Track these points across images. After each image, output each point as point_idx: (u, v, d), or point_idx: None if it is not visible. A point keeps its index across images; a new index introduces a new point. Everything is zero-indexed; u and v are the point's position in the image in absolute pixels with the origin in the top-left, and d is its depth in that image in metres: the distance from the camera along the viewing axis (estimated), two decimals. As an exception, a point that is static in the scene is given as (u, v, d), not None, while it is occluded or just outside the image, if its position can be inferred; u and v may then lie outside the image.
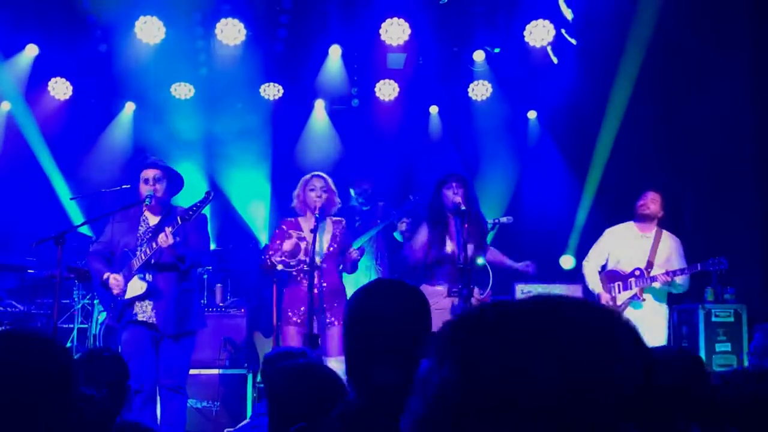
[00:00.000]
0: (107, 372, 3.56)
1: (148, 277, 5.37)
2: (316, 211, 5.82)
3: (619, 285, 6.52)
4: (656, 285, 6.40)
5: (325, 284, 5.84)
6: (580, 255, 7.74)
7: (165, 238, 5.16)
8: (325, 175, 6.11)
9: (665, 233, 6.64)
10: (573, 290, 7.29)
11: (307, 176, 6.15)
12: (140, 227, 5.55)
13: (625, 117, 8.94)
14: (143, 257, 5.32)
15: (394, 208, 8.47)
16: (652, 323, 6.30)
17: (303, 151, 9.98)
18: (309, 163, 9.40)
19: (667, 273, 6.34)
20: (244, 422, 5.89)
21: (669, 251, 6.49)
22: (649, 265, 6.44)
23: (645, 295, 6.43)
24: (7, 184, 9.30)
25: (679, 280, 6.43)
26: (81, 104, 9.74)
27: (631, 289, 6.42)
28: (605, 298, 6.49)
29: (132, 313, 5.39)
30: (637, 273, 6.44)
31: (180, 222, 5.24)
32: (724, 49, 8.06)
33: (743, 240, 7.87)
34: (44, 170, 9.49)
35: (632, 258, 6.51)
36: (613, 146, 9.13)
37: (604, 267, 6.81)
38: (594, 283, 6.69)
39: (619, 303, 6.41)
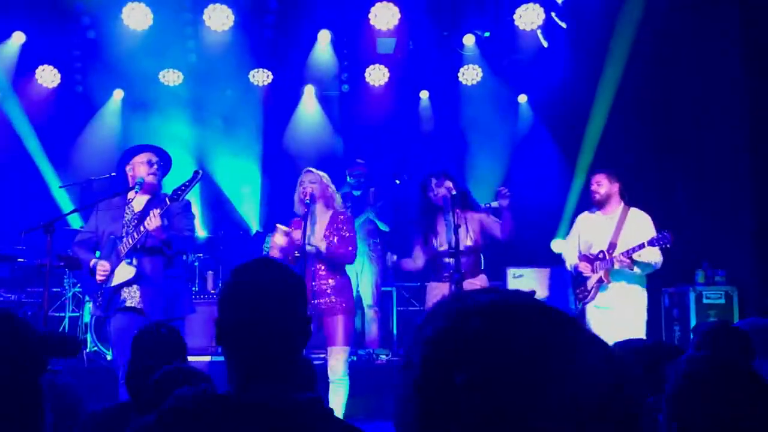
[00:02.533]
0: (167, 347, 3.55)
1: (135, 261, 5.32)
2: (306, 197, 5.77)
3: (587, 268, 6.37)
4: (617, 266, 6.21)
5: (322, 272, 5.74)
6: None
7: (152, 219, 5.11)
8: (313, 169, 6.03)
9: (632, 212, 6.34)
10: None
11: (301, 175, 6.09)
12: (126, 215, 5.50)
13: (616, 100, 8.94)
14: (130, 242, 5.27)
15: (383, 192, 8.46)
16: (623, 307, 6.11)
17: (293, 137, 9.97)
18: (299, 149, 9.40)
19: (623, 254, 6.17)
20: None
21: (636, 230, 6.27)
22: (612, 246, 6.23)
23: (618, 281, 6.21)
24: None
25: (642, 258, 6.07)
26: (69, 92, 9.69)
27: (596, 272, 6.28)
28: (582, 267, 6.36)
29: (120, 299, 5.34)
30: (600, 256, 6.29)
31: (169, 203, 5.19)
32: (715, 31, 8.05)
33: (734, 222, 7.89)
34: (33, 158, 9.45)
35: (598, 241, 6.36)
36: (603, 130, 9.13)
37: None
38: (571, 257, 6.57)
39: (589, 287, 6.32)
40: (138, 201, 5.52)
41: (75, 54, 9.45)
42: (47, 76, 9.48)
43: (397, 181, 8.19)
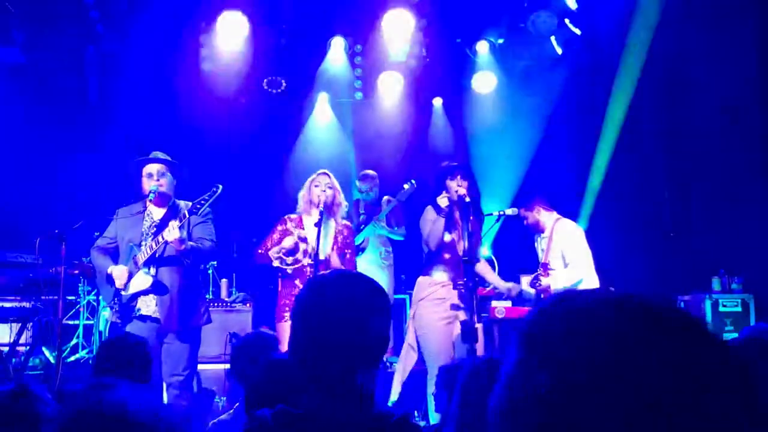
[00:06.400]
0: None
1: (152, 271, 5.33)
2: (320, 206, 5.77)
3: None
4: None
5: None
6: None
7: (171, 232, 5.12)
8: (329, 173, 6.05)
9: (557, 226, 6.29)
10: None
11: (313, 175, 6.09)
12: (144, 222, 5.52)
13: (631, 106, 8.89)
14: (148, 251, 5.28)
15: (395, 198, 8.42)
16: None
17: (307, 145, 9.96)
18: (313, 157, 9.38)
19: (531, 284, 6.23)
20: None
21: (559, 245, 6.19)
22: (545, 267, 6.25)
23: None
24: (11, 181, 9.29)
25: (553, 281, 6.07)
26: (84, 100, 9.71)
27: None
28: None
29: (135, 308, 5.35)
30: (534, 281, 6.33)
31: (187, 216, 5.20)
32: (731, 37, 8.00)
33: (751, 229, 7.82)
34: (48, 166, 9.48)
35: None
36: (618, 136, 9.08)
37: None
38: None
39: None
40: (156, 211, 5.54)
41: (90, 62, 9.48)
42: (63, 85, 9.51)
43: (406, 186, 8.12)
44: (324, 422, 1.74)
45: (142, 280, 5.33)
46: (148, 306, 5.36)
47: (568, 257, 6.11)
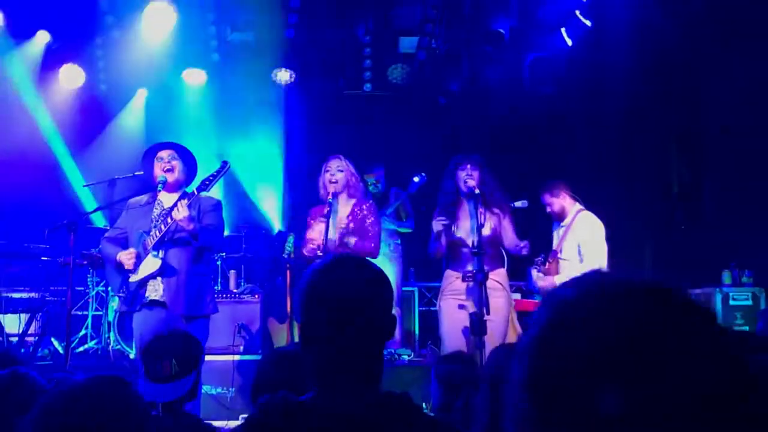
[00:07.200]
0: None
1: (161, 254, 5.29)
2: (329, 195, 5.71)
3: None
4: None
5: None
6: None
7: (180, 210, 5.09)
8: (341, 157, 5.94)
9: (580, 217, 6.27)
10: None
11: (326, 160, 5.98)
12: (154, 210, 5.49)
13: (642, 98, 8.84)
14: (158, 234, 5.24)
15: (403, 190, 8.41)
16: None
17: (316, 137, 9.94)
18: (321, 149, 9.36)
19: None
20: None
21: (578, 235, 6.17)
22: (554, 254, 6.24)
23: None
24: (20, 172, 9.31)
25: (560, 268, 6.12)
26: (93, 90, 9.73)
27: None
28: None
29: (144, 294, 5.32)
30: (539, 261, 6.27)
31: (197, 193, 5.18)
32: (743, 30, 7.94)
33: (761, 223, 7.77)
34: (57, 157, 9.50)
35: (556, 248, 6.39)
36: (629, 128, 9.03)
37: None
38: None
39: None
40: (167, 198, 5.50)
41: (99, 53, 9.48)
42: (72, 75, 9.51)
43: (416, 179, 8.09)
44: (325, 409, 1.73)
45: (152, 263, 5.29)
46: (156, 291, 5.31)
47: (584, 250, 6.07)
